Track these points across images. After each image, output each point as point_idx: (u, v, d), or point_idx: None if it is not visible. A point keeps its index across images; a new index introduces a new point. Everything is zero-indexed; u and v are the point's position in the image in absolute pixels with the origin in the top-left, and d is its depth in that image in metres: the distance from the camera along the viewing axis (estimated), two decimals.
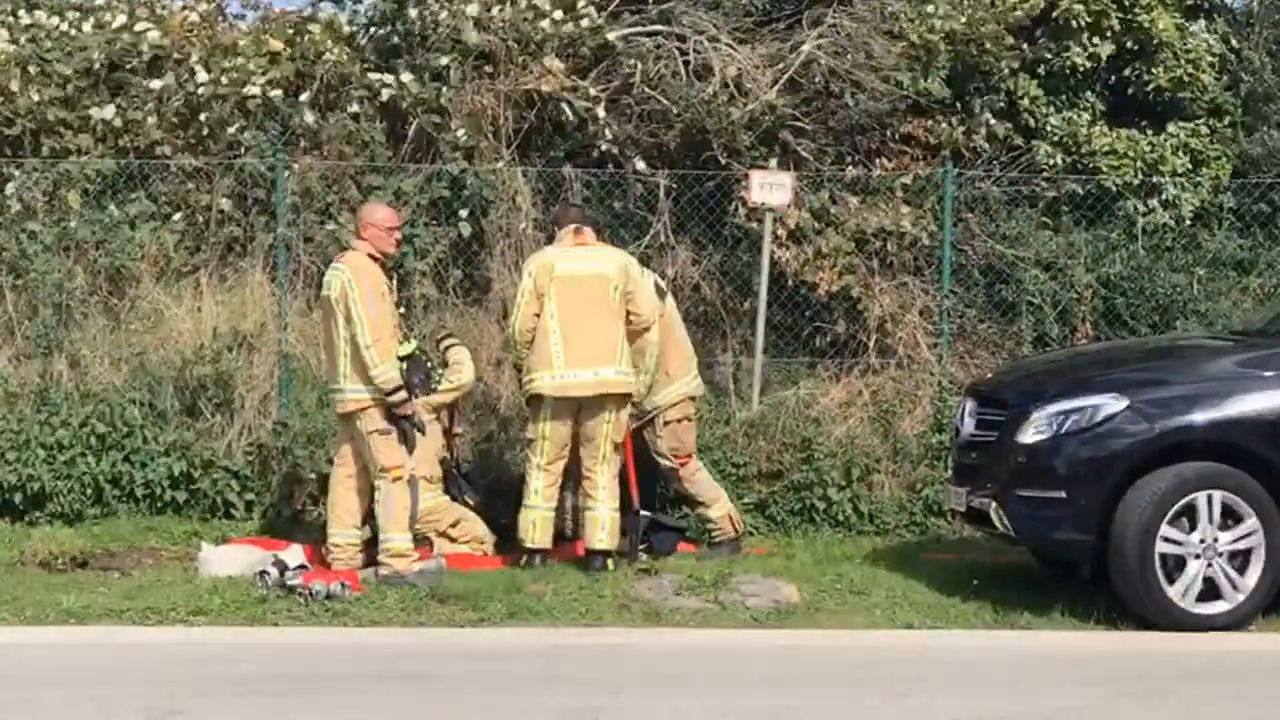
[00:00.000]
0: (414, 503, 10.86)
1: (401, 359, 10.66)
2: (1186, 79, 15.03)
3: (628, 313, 11.20)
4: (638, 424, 11.70)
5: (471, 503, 11.96)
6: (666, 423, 11.72)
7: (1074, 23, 14.78)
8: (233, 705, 7.96)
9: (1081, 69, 14.95)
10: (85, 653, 9.08)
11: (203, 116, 13.99)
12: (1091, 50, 14.88)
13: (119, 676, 8.54)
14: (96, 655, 9.04)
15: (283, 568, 10.35)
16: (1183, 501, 9.95)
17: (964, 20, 14.61)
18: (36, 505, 12.33)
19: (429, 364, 11.25)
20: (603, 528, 11.19)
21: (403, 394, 10.56)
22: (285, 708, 7.93)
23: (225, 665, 8.79)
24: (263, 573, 10.37)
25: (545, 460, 11.20)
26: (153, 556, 11.32)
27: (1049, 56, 14.98)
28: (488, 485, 12.22)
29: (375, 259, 10.82)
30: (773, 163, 13.93)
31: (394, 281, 11.24)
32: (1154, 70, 15.00)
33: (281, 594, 10.09)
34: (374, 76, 13.96)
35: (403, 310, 11.18)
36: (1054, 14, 14.85)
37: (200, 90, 13.96)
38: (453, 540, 11.55)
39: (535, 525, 11.22)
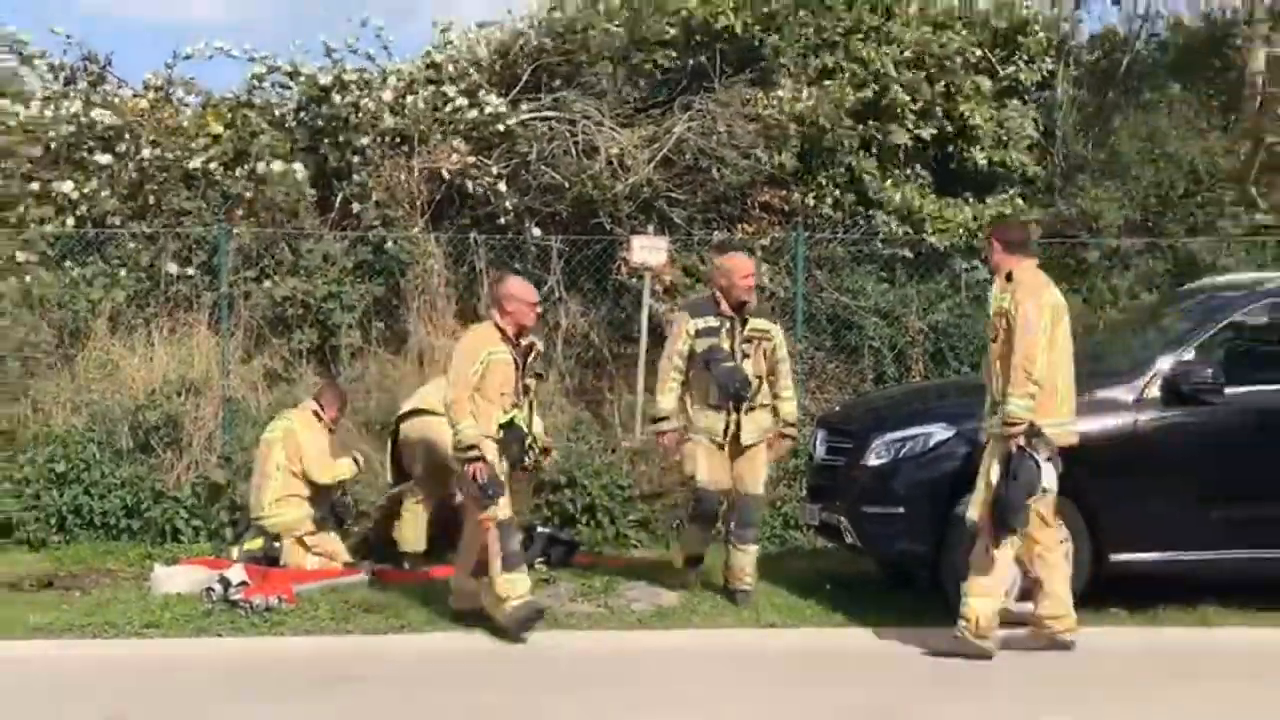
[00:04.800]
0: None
1: (501, 426, 9.68)
2: (1004, 158, 15.34)
3: None
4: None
5: (346, 522, 11.88)
6: None
7: (900, 110, 15.00)
8: (181, 710, 7.87)
9: (909, 147, 15.14)
10: (50, 664, 8.90)
11: (149, 188, 13.91)
12: (915, 132, 15.08)
13: (81, 685, 8.40)
14: (61, 666, 8.87)
15: (226, 585, 10.13)
16: None
17: (810, 104, 14.73)
18: (4, 534, 12.09)
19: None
20: None
21: (474, 453, 9.44)
22: (229, 711, 7.83)
23: (175, 673, 8.67)
24: (208, 590, 10.14)
25: None
26: (110, 577, 11.01)
27: (879, 138, 15.13)
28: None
29: (502, 331, 9.71)
30: (650, 228, 14.04)
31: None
32: (973, 150, 15.26)
33: (225, 608, 9.89)
34: (279, 167, 13.89)
35: (530, 382, 10.05)
36: (883, 101, 15.02)
37: (147, 165, 13.92)
38: (307, 549, 11.30)
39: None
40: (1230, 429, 10.30)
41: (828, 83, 15.08)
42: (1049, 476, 9.16)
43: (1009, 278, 9.36)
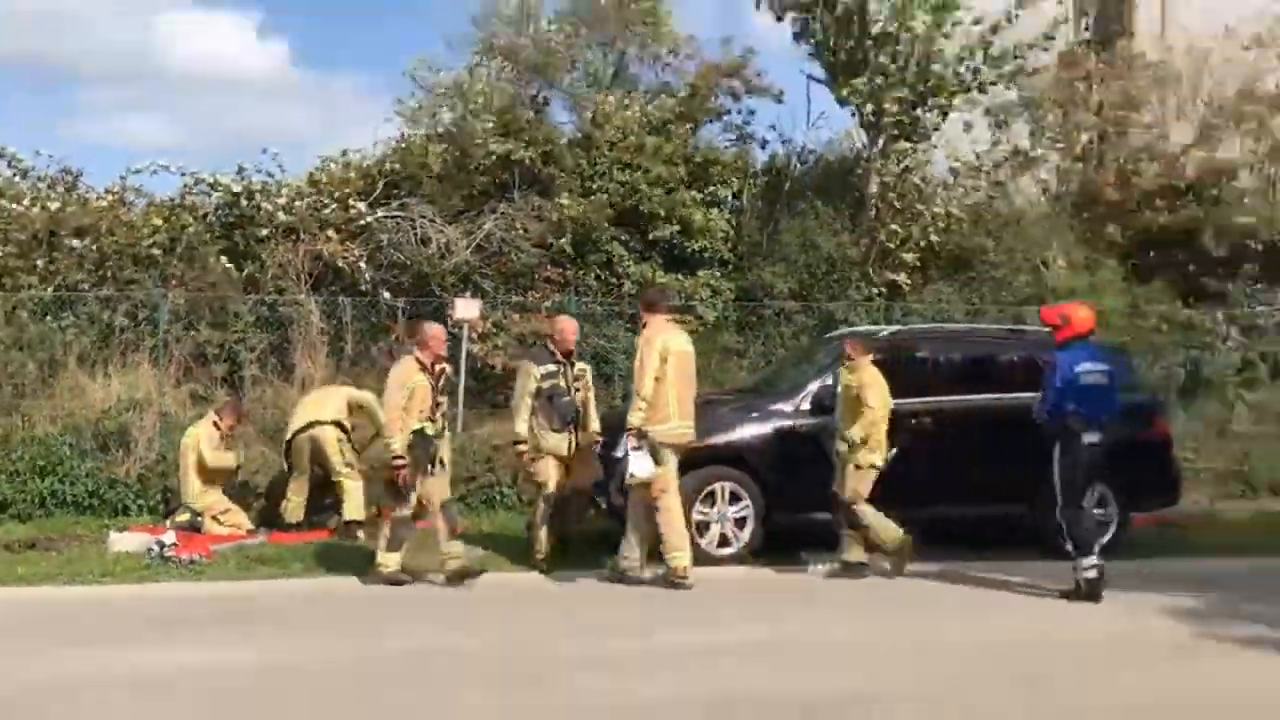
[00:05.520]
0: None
1: (413, 433, 9.22)
2: (708, 246, 15.50)
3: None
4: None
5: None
6: None
7: (652, 213, 15.21)
8: (128, 633, 7.83)
9: (651, 240, 15.34)
10: (34, 604, 8.77)
11: (108, 264, 13.80)
12: (666, 230, 15.28)
13: (55, 618, 8.35)
14: (41, 606, 8.74)
15: (162, 546, 10.05)
16: (708, 489, 10.20)
17: (580, 211, 14.97)
18: (1, 510, 11.75)
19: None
20: (356, 507, 11.23)
21: (401, 461, 9.12)
22: (163, 635, 7.80)
23: (124, 608, 8.61)
24: (149, 549, 10.05)
25: None
26: (78, 541, 10.74)
27: (631, 236, 15.35)
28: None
29: (421, 363, 9.37)
30: (468, 294, 14.02)
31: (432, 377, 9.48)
32: (691, 240, 15.42)
33: (161, 562, 9.81)
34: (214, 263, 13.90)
35: (442, 399, 9.55)
36: (641, 208, 15.23)
37: (107, 248, 13.81)
38: (220, 523, 11.16)
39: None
40: None
41: (593, 196, 15.24)
42: (637, 466, 9.11)
43: (644, 326, 9.46)
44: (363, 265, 14.18)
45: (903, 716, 6.30)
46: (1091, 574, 9.12)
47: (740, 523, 10.34)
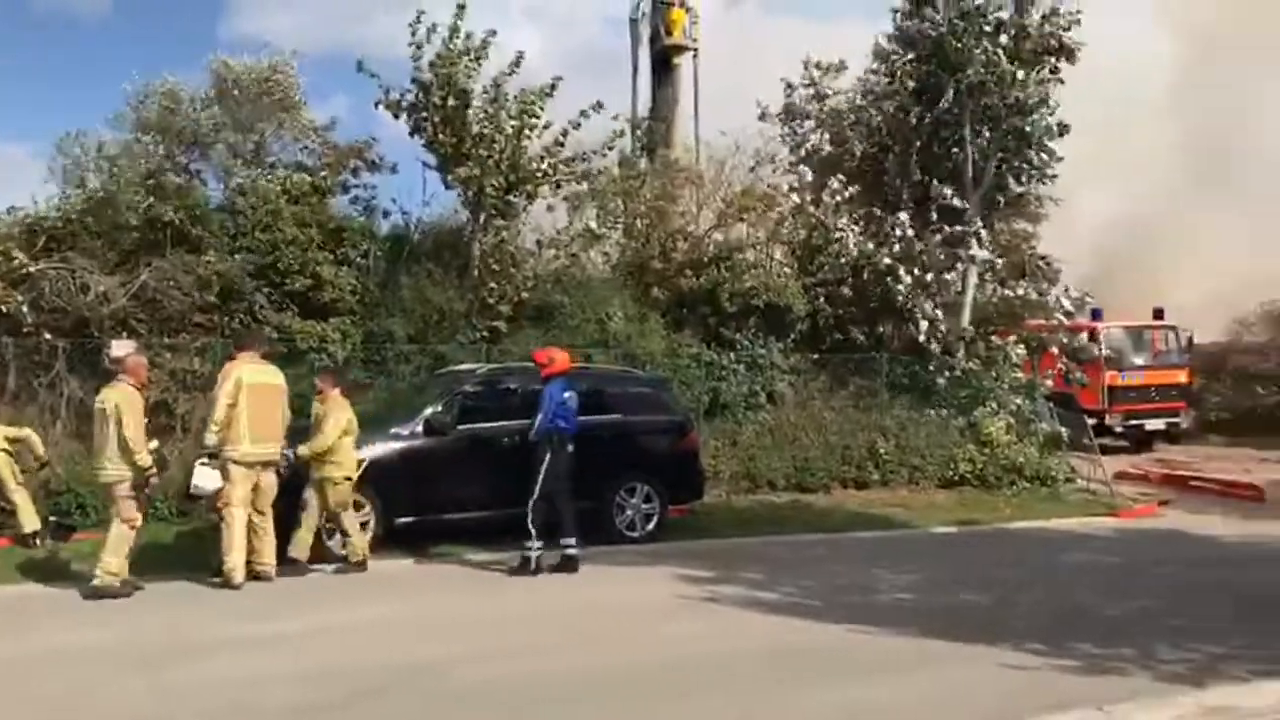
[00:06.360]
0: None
1: (151, 451, 9.11)
2: (339, 297, 15.39)
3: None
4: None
5: None
6: None
7: (289, 269, 15.02)
8: None
9: (288, 291, 15.16)
10: None
11: None
12: (300, 283, 15.15)
13: None
14: None
15: None
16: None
17: (225, 267, 14.81)
18: None
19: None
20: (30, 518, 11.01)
21: (152, 471, 9.09)
22: None
23: None
24: None
25: None
26: None
27: (274, 289, 15.16)
28: None
29: (135, 387, 9.15)
30: (124, 335, 13.69)
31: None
32: (323, 293, 15.36)
33: None
34: None
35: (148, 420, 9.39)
36: (280, 264, 15.08)
37: None
38: None
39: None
40: (459, 448, 11.04)
41: (239, 255, 15.07)
42: (201, 478, 9.16)
43: (230, 359, 9.62)
44: (25, 309, 13.56)
45: (470, 675, 6.87)
46: (537, 554, 9.94)
47: (364, 525, 10.48)
